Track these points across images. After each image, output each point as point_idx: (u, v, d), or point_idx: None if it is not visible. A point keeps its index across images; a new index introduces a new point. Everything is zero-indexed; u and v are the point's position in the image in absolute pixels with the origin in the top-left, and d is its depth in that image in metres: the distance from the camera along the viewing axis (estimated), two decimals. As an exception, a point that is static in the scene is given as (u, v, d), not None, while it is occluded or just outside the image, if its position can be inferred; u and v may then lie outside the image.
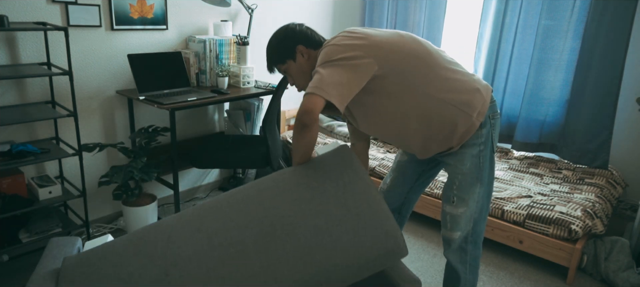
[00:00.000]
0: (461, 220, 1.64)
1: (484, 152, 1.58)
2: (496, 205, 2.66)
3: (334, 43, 1.45)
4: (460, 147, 1.58)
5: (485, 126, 1.56)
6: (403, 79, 1.47)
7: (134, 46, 2.73)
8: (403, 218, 1.96)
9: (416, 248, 2.74)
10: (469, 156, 1.58)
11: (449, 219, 1.67)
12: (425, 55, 1.50)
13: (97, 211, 2.79)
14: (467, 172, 1.59)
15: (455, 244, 1.68)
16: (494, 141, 1.61)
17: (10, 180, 2.19)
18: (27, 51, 2.32)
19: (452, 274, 1.77)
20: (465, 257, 1.69)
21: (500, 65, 3.46)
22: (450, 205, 1.66)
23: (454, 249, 1.70)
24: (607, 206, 2.72)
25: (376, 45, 1.44)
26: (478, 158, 1.58)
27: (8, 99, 2.29)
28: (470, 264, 1.71)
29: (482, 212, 1.66)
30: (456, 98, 1.51)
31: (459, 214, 1.64)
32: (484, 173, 1.60)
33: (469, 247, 1.68)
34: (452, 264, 1.74)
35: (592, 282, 2.48)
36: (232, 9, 3.24)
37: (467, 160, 1.58)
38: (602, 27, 2.96)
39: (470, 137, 1.56)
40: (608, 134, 3.05)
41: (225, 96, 2.72)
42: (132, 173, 2.41)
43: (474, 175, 1.59)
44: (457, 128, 1.53)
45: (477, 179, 1.60)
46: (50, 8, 2.34)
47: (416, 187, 1.88)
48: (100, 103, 2.65)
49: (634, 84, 3.11)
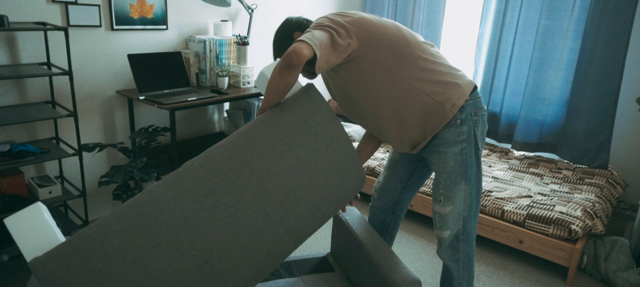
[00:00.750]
0: (449, 219, 1.65)
1: (467, 149, 1.59)
2: (496, 205, 2.66)
3: (325, 16, 1.55)
4: (441, 145, 1.59)
5: (466, 123, 1.57)
6: (381, 63, 1.52)
7: (134, 46, 2.73)
8: (397, 218, 1.97)
9: (416, 248, 2.74)
10: (451, 154, 1.58)
11: (437, 218, 1.69)
12: (403, 44, 1.55)
13: (97, 211, 2.79)
14: (451, 170, 1.60)
15: (446, 242, 1.70)
16: (479, 138, 1.61)
17: (10, 180, 2.19)
18: (27, 51, 2.32)
19: (446, 273, 1.78)
20: (457, 256, 1.70)
21: (500, 65, 3.46)
22: (438, 204, 1.67)
23: (446, 248, 1.71)
24: (607, 206, 2.72)
25: (361, 27, 1.51)
26: (461, 156, 1.59)
27: (8, 99, 2.29)
28: (463, 262, 1.72)
29: (472, 210, 1.66)
30: (430, 88, 1.54)
31: (446, 213, 1.65)
32: (469, 171, 1.61)
33: (460, 246, 1.69)
34: (445, 262, 1.75)
35: (592, 282, 2.48)
36: (232, 9, 3.24)
37: (449, 158, 1.59)
38: (602, 27, 2.96)
39: (451, 133, 1.56)
40: (608, 134, 3.05)
41: (225, 96, 2.72)
42: (132, 173, 2.41)
43: (459, 173, 1.60)
44: (430, 118, 1.55)
45: (461, 178, 1.60)
46: (50, 8, 2.34)
47: (409, 187, 1.89)
48: (100, 103, 2.65)
49: (634, 84, 3.11)
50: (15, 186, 2.20)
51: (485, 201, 2.71)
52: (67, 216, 2.43)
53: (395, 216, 1.96)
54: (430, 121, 1.56)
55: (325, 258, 2.01)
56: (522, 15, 3.29)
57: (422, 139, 1.61)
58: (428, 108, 1.55)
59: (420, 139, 1.62)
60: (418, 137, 1.61)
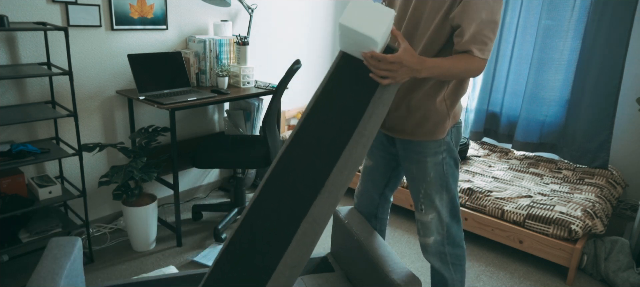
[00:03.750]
0: (432, 225, 1.64)
1: (446, 160, 1.59)
2: (496, 205, 2.66)
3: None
4: (421, 153, 1.57)
5: (448, 134, 1.58)
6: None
7: (134, 46, 2.73)
8: (382, 221, 1.96)
9: (416, 248, 2.74)
10: (431, 164, 1.57)
11: (420, 226, 1.68)
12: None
13: (97, 211, 2.79)
14: (431, 181, 1.59)
15: (432, 248, 1.68)
16: (455, 149, 1.62)
17: (10, 180, 2.18)
18: (27, 51, 2.32)
19: (438, 277, 1.76)
20: (445, 259, 1.69)
21: (500, 65, 3.46)
22: (419, 213, 1.66)
23: (432, 253, 1.69)
24: (607, 205, 2.72)
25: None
26: (442, 166, 1.58)
27: (8, 99, 2.29)
28: (453, 264, 1.71)
29: (454, 215, 1.66)
30: (449, 94, 1.54)
31: (428, 221, 1.64)
32: (449, 179, 1.61)
33: (446, 249, 1.68)
34: (435, 267, 1.73)
35: (592, 282, 2.48)
36: (232, 9, 3.24)
37: (430, 169, 1.58)
38: (602, 27, 2.96)
39: (433, 144, 1.56)
40: (608, 134, 3.05)
41: (225, 96, 2.72)
42: (132, 173, 2.41)
43: (439, 183, 1.59)
44: (430, 117, 1.53)
45: (442, 187, 1.60)
46: (50, 8, 2.34)
47: (387, 193, 1.89)
48: (100, 103, 2.65)
49: (634, 84, 3.11)
50: (15, 186, 2.20)
51: (485, 201, 2.71)
52: (67, 216, 2.43)
53: (379, 219, 1.95)
54: (429, 120, 1.54)
55: (325, 258, 2.01)
56: (522, 15, 3.29)
57: (403, 124, 1.57)
58: (436, 109, 1.53)
59: (401, 124, 1.58)
60: (407, 124, 1.57)
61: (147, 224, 2.55)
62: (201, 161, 2.65)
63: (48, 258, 1.44)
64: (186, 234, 2.80)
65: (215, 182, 3.48)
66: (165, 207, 3.12)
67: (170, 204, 3.17)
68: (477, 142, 3.77)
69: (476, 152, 3.55)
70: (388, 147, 1.74)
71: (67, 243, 1.52)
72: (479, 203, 2.72)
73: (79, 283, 1.52)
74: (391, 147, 1.73)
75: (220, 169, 3.31)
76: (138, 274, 2.39)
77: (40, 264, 1.41)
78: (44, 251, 1.48)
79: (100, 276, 2.35)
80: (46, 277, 1.36)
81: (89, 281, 2.31)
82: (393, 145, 1.72)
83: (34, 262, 2.39)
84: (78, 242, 1.55)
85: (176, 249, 2.64)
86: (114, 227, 2.81)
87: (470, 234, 2.87)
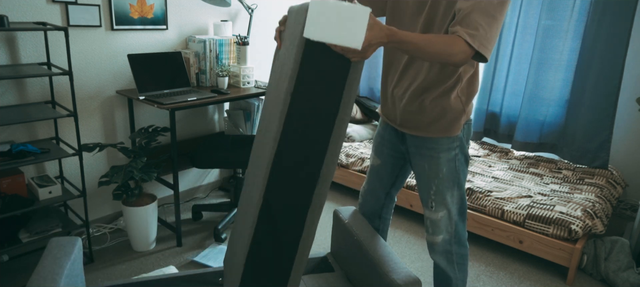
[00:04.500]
0: (442, 224, 1.64)
1: (459, 156, 1.59)
2: (496, 205, 2.66)
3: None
4: (433, 149, 1.57)
5: (462, 130, 1.59)
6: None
7: (134, 46, 2.73)
8: (385, 221, 1.96)
9: (416, 248, 2.74)
10: (444, 160, 1.57)
11: (429, 224, 1.67)
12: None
13: (97, 211, 2.79)
14: (443, 177, 1.59)
15: (439, 247, 1.68)
16: (466, 145, 1.63)
17: (10, 180, 2.18)
18: (27, 51, 2.32)
19: (442, 276, 1.76)
20: (451, 258, 1.69)
21: (500, 65, 3.46)
22: (429, 210, 1.65)
23: (440, 252, 1.69)
24: (607, 205, 2.72)
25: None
26: (454, 162, 1.59)
27: (8, 99, 2.29)
28: (458, 263, 1.71)
29: (462, 213, 1.66)
30: (465, 90, 1.54)
31: (438, 218, 1.64)
32: (461, 176, 1.61)
33: (453, 248, 1.68)
34: (440, 266, 1.73)
35: (592, 282, 2.48)
36: (232, 9, 3.24)
37: (443, 165, 1.58)
38: (602, 27, 2.96)
39: (446, 140, 1.56)
40: (608, 134, 3.05)
41: (225, 96, 2.72)
42: (132, 173, 2.41)
43: (451, 179, 1.59)
44: (446, 114, 1.53)
45: (454, 183, 1.60)
46: (50, 8, 2.34)
47: (392, 193, 1.90)
48: (100, 103, 2.65)
49: (634, 84, 3.11)
50: (15, 186, 2.20)
51: (485, 201, 2.71)
52: (67, 216, 2.43)
53: (382, 219, 1.95)
54: (446, 115, 1.53)
55: (325, 258, 2.01)
56: (522, 15, 3.29)
57: (417, 120, 1.56)
58: (451, 105, 1.53)
59: (415, 120, 1.57)
60: (418, 112, 1.55)
61: (147, 224, 2.55)
62: (201, 161, 2.65)
63: (48, 258, 1.44)
64: (186, 234, 2.80)
65: (215, 182, 3.48)
66: (165, 207, 3.12)
67: (170, 204, 3.17)
68: (477, 142, 3.77)
69: (476, 152, 3.56)
70: (397, 145, 1.74)
71: (67, 243, 1.53)
72: (479, 203, 2.73)
73: (79, 283, 1.53)
74: (400, 144, 1.73)
75: (220, 169, 3.31)
76: (138, 274, 2.39)
77: (40, 264, 1.41)
78: (44, 251, 1.48)
79: (100, 276, 2.35)
80: (46, 277, 1.36)
81: (89, 281, 2.31)
82: (403, 142, 1.71)
83: (34, 262, 2.39)
84: (78, 242, 1.55)
85: (176, 249, 2.64)
86: (114, 227, 2.81)
87: (470, 234, 2.87)
